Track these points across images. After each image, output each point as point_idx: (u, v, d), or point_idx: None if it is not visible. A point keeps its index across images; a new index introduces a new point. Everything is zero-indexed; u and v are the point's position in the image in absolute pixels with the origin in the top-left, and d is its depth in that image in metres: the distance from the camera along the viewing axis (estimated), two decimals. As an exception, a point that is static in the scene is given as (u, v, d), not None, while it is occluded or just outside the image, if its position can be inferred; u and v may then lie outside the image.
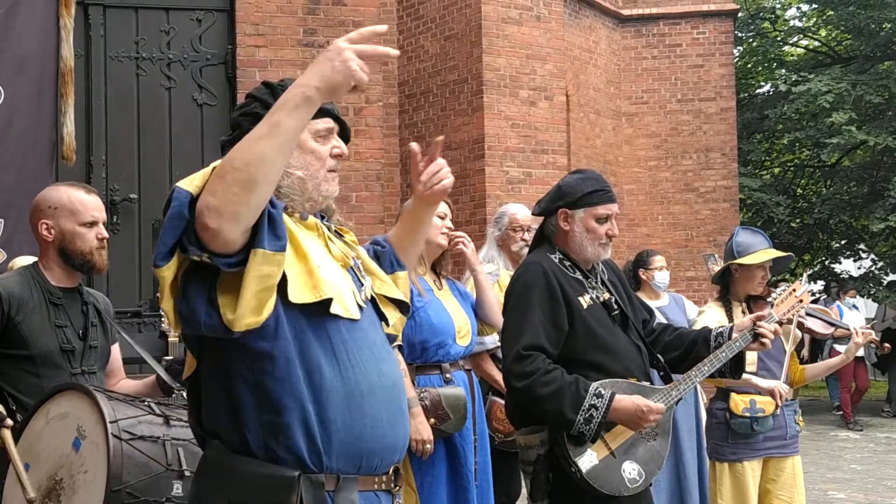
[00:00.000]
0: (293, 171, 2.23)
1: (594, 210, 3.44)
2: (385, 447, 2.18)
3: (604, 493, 3.22)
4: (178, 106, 7.19)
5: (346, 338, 2.16)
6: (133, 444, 2.61)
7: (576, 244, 3.46)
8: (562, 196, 3.49)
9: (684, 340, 3.63)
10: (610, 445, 3.29)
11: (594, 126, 13.43)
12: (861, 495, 8.39)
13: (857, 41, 17.17)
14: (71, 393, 2.82)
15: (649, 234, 13.91)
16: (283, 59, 7.22)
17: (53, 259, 3.30)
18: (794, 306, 4.08)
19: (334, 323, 2.15)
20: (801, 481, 4.79)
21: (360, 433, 2.12)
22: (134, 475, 2.57)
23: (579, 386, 3.23)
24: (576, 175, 3.56)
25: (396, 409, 2.22)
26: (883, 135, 14.76)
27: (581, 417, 3.19)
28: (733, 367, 3.63)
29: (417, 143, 2.49)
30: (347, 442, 2.11)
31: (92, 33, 7.00)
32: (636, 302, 3.69)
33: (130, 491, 2.55)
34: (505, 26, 10.28)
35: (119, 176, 6.97)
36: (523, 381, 3.23)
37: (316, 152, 2.28)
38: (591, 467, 3.23)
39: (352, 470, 2.13)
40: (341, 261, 2.29)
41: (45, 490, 2.70)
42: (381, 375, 2.19)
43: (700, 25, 14.18)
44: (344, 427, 2.10)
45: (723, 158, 14.07)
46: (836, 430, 12.94)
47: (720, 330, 3.62)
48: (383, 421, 2.16)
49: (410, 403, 3.97)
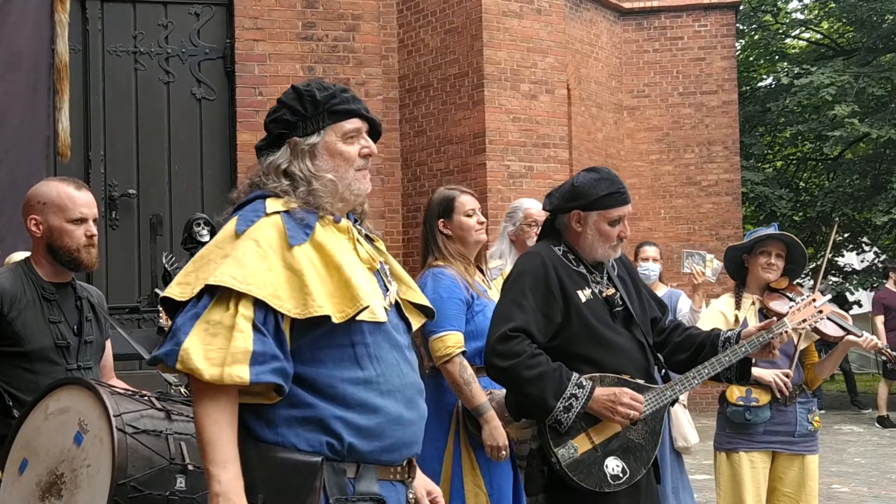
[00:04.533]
0: (323, 174, 2.31)
1: (608, 213, 3.37)
2: (404, 443, 2.30)
3: (584, 486, 3.21)
4: (176, 100, 7.17)
5: (369, 340, 2.26)
6: (137, 438, 2.60)
7: (587, 245, 3.42)
8: (576, 197, 3.40)
9: (693, 343, 3.58)
10: (594, 439, 3.27)
11: (595, 120, 13.39)
12: (865, 489, 8.36)
13: (860, 33, 17.12)
14: (71, 388, 2.80)
15: (651, 227, 13.87)
16: (282, 52, 7.18)
17: (43, 255, 3.26)
18: (813, 316, 3.98)
19: (359, 326, 2.24)
20: (814, 483, 4.68)
21: (381, 430, 2.24)
22: (139, 469, 2.56)
23: (562, 374, 3.22)
24: (591, 175, 3.45)
25: (414, 406, 2.33)
26: (885, 127, 14.72)
27: (561, 405, 3.19)
28: (739, 373, 3.58)
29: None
30: (367, 438, 2.22)
31: (89, 28, 6.98)
32: (647, 299, 3.61)
33: (135, 485, 2.54)
34: (505, 20, 10.23)
35: (117, 171, 6.95)
36: (508, 361, 3.21)
37: (344, 153, 2.34)
38: (572, 460, 3.22)
39: (371, 458, 2.24)
40: (368, 263, 2.36)
41: (46, 485, 2.68)
42: (402, 376, 2.30)
43: (701, 18, 14.14)
44: (365, 425, 2.21)
45: (725, 152, 14.04)
46: (839, 424, 12.92)
47: (728, 335, 3.56)
48: (403, 417, 2.28)
49: (482, 409, 3.91)
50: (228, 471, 2.10)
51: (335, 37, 7.41)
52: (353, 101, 2.37)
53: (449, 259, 4.18)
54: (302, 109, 2.34)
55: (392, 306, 2.39)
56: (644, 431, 3.34)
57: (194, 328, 2.14)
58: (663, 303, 3.79)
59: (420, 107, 10.86)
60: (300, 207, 2.28)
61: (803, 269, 4.83)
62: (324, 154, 2.32)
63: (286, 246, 2.21)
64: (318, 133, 2.33)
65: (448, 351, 3.96)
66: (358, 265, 2.31)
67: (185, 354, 2.11)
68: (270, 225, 2.24)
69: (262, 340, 2.13)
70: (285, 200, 2.29)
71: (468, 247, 4.23)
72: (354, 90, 8.03)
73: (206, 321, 2.15)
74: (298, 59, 7.21)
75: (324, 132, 2.33)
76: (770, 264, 4.64)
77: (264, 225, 2.24)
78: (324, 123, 2.33)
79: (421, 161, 10.79)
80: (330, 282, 2.22)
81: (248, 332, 2.12)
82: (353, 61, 7.49)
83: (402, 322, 2.43)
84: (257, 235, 2.22)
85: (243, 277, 2.15)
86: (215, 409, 2.13)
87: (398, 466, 2.32)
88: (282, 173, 2.32)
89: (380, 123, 2.44)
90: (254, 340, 2.12)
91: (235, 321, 2.13)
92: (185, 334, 2.14)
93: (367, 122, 2.40)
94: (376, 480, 2.25)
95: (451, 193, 4.29)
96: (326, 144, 2.32)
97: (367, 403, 2.22)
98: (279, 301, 2.16)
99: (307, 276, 2.19)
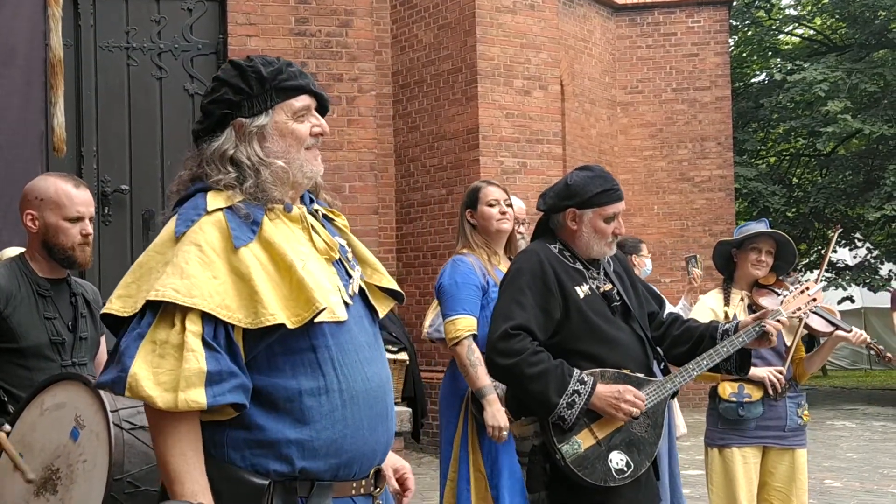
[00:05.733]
0: (273, 160, 2.12)
1: (603, 210, 3.41)
2: (364, 454, 2.12)
3: (589, 481, 3.22)
4: (169, 96, 7.14)
5: (330, 342, 2.08)
6: (133, 434, 2.59)
7: (582, 242, 3.45)
8: (570, 195, 3.44)
9: (692, 335, 3.60)
10: (597, 435, 3.28)
11: (589, 116, 13.40)
12: (857, 483, 8.39)
13: (853, 29, 17.13)
14: (67, 383, 2.79)
15: (644, 223, 13.89)
16: (275, 48, 7.16)
17: (38, 251, 3.25)
18: (807, 304, 4.02)
19: (319, 327, 2.05)
20: (804, 476, 4.72)
21: (339, 443, 2.06)
22: (135, 464, 2.55)
23: (564, 371, 3.24)
24: (584, 173, 3.49)
25: (379, 412, 2.15)
26: (878, 123, 14.73)
27: (564, 402, 3.20)
28: (738, 365, 3.60)
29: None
30: (323, 451, 2.05)
31: (81, 23, 6.94)
32: (643, 294, 3.65)
33: (131, 480, 2.54)
34: (499, 15, 10.22)
35: (110, 167, 6.92)
36: (510, 359, 3.23)
37: (296, 132, 2.15)
38: (576, 455, 3.23)
39: (327, 476, 2.07)
40: (325, 254, 2.17)
41: (41, 480, 2.67)
42: (366, 380, 2.12)
43: (695, 14, 14.15)
44: (320, 439, 2.04)
45: (718, 148, 14.06)
46: (832, 420, 12.95)
47: (726, 327, 3.59)
48: (364, 427, 2.10)
49: (485, 391, 4.10)
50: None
51: (328, 32, 7.40)
52: (300, 75, 2.18)
53: (473, 247, 4.38)
54: (246, 87, 2.13)
55: (356, 295, 2.21)
56: (646, 425, 3.36)
57: (140, 350, 1.96)
58: (660, 297, 3.82)
59: (413, 102, 10.85)
60: (246, 201, 2.08)
61: (791, 267, 4.86)
62: (273, 135, 2.13)
63: (231, 248, 2.02)
64: (266, 113, 2.13)
65: (458, 333, 4.16)
66: (314, 259, 2.13)
67: (133, 381, 1.92)
68: (212, 225, 2.04)
69: (215, 358, 1.95)
70: (228, 195, 2.09)
71: (491, 235, 4.42)
72: (347, 86, 8.03)
73: (152, 341, 1.96)
74: (291, 55, 7.19)
75: (272, 111, 2.14)
76: (760, 261, 4.66)
77: (205, 225, 2.04)
78: (272, 102, 2.13)
79: (414, 157, 10.78)
80: (282, 284, 2.03)
81: (199, 350, 1.94)
82: (347, 57, 7.48)
83: (369, 311, 2.24)
84: (199, 239, 2.02)
85: (187, 290, 1.96)
86: (176, 438, 1.96)
87: (361, 480, 2.14)
88: (228, 160, 2.11)
89: (328, 99, 2.26)
90: (207, 359, 1.94)
91: (184, 339, 1.95)
92: (131, 358, 1.95)
93: (315, 97, 2.21)
94: (330, 498, 2.07)
95: (477, 185, 4.52)
96: (276, 125, 2.13)
97: (326, 418, 2.04)
98: (228, 312, 1.97)
99: (256, 280, 1.99)
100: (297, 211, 2.17)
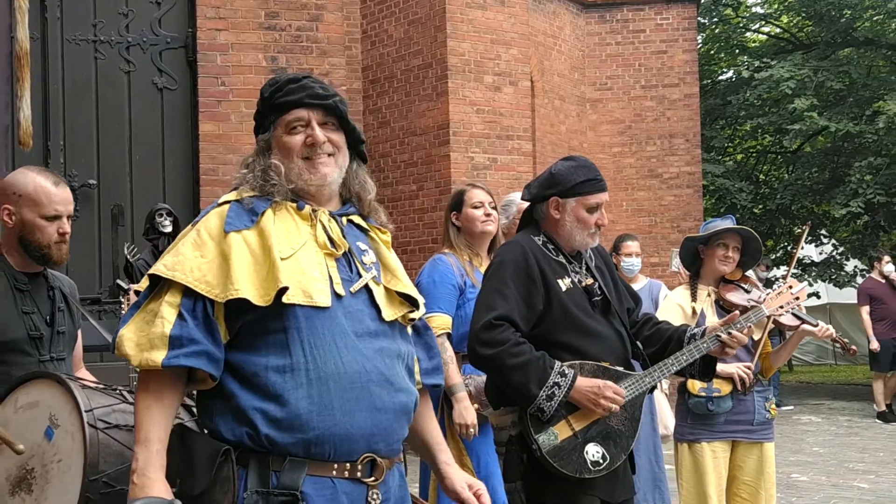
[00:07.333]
0: (275, 161, 2.37)
1: (585, 200, 3.43)
2: (336, 435, 2.20)
3: (564, 472, 3.24)
4: (137, 90, 7.09)
5: (303, 325, 2.22)
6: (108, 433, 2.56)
7: (565, 232, 3.46)
8: (554, 184, 3.47)
9: (661, 337, 3.64)
10: (574, 426, 3.30)
11: (559, 112, 13.42)
12: (823, 478, 8.48)
13: (819, 27, 17.30)
14: (41, 381, 2.75)
15: (614, 220, 13.92)
16: (245, 42, 7.11)
17: (14, 246, 3.21)
18: (789, 303, 4.08)
19: (292, 310, 2.22)
20: (771, 469, 4.78)
21: (303, 418, 2.18)
22: (110, 464, 2.53)
23: (546, 362, 3.26)
24: (568, 162, 3.52)
25: (359, 397, 2.23)
26: (844, 121, 14.89)
27: (544, 394, 3.23)
28: (701, 370, 3.64)
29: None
30: (287, 424, 2.17)
31: (48, 15, 6.87)
32: (623, 290, 3.68)
33: (107, 480, 2.51)
34: (469, 11, 10.21)
35: (77, 161, 6.86)
36: (492, 349, 3.25)
37: (287, 144, 2.38)
38: (552, 447, 3.25)
39: (298, 452, 2.19)
40: (325, 248, 2.33)
41: (15, 480, 2.64)
42: (339, 364, 2.22)
43: (663, 11, 14.21)
44: (283, 410, 2.18)
45: (686, 144, 14.13)
46: (798, 414, 13.08)
47: (694, 331, 3.62)
48: (334, 408, 2.19)
49: (455, 389, 4.17)
50: (148, 449, 2.14)
51: (298, 27, 7.36)
52: (297, 91, 2.39)
53: (456, 248, 4.46)
54: (260, 108, 2.45)
55: (359, 292, 2.34)
56: (623, 418, 3.38)
57: (134, 316, 2.24)
58: (637, 295, 3.86)
59: (384, 98, 10.82)
60: (254, 196, 2.34)
61: (756, 262, 4.91)
62: (275, 147, 2.40)
63: (222, 233, 2.27)
64: (269, 130, 2.42)
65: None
66: (308, 249, 2.30)
67: (119, 341, 2.21)
68: (216, 214, 2.32)
69: (181, 325, 2.18)
70: (240, 190, 2.37)
71: (474, 237, 4.48)
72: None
73: (145, 310, 2.24)
74: (261, 49, 7.15)
75: (273, 127, 2.42)
76: (727, 257, 4.70)
77: (211, 214, 2.32)
78: (273, 118, 2.41)
79: (385, 152, 10.76)
80: (264, 267, 2.24)
81: (169, 317, 2.18)
82: (317, 51, 7.44)
83: (373, 309, 2.36)
84: (200, 225, 2.31)
85: (172, 265, 2.23)
86: (145, 393, 2.19)
87: (345, 463, 2.22)
88: (244, 166, 2.43)
89: (333, 105, 2.41)
90: (174, 325, 2.17)
91: (160, 307, 2.21)
92: (125, 323, 2.23)
93: (320, 109, 2.40)
94: (305, 476, 2.17)
95: (462, 187, 4.60)
96: (276, 138, 2.40)
97: (290, 393, 2.17)
98: (207, 287, 2.21)
99: (234, 260, 2.22)
100: (308, 209, 2.37)
